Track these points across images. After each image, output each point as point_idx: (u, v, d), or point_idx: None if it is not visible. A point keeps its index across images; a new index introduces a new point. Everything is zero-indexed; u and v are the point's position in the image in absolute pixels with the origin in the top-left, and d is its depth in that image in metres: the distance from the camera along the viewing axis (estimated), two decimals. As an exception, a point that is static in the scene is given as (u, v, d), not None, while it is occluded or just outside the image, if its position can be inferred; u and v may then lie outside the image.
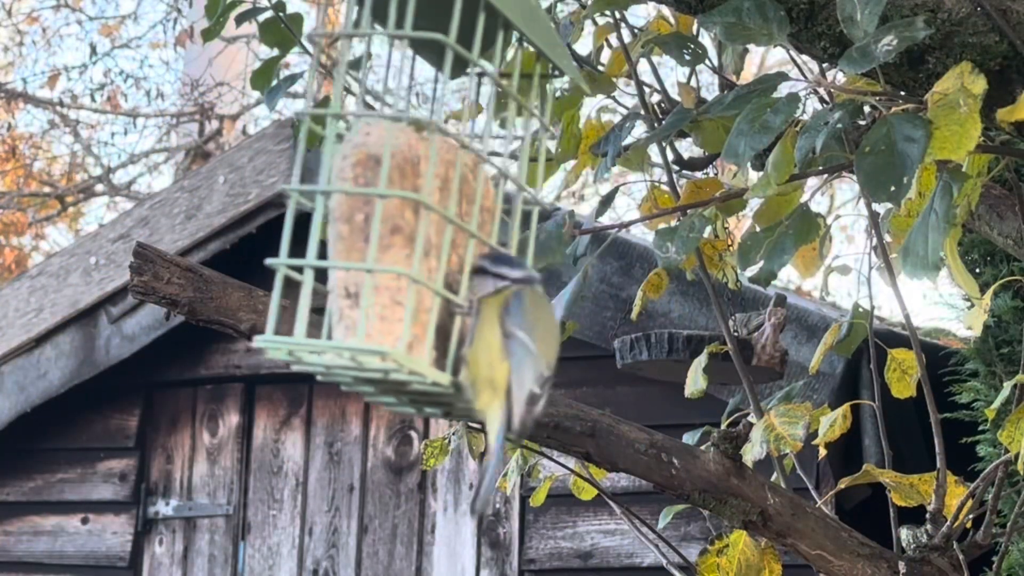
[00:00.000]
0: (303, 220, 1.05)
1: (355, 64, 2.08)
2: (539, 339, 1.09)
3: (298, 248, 1.03)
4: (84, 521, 5.04)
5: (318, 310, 1.04)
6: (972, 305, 1.93)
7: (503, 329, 1.07)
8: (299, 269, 1.02)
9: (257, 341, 1.01)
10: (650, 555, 4.06)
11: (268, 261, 1.02)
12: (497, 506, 4.42)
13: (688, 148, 2.32)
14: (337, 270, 1.02)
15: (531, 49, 1.09)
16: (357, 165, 1.03)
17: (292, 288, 1.04)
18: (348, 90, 2.24)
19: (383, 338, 0.99)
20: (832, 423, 2.05)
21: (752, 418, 2.01)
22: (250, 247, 4.70)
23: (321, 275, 1.03)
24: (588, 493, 2.26)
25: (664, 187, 2.13)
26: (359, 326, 0.99)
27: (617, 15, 2.02)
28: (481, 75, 1.07)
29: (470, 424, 2.16)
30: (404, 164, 1.03)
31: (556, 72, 1.12)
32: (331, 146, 1.04)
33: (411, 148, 1.03)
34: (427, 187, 1.01)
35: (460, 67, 1.07)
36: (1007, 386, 1.91)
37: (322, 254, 1.03)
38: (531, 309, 1.09)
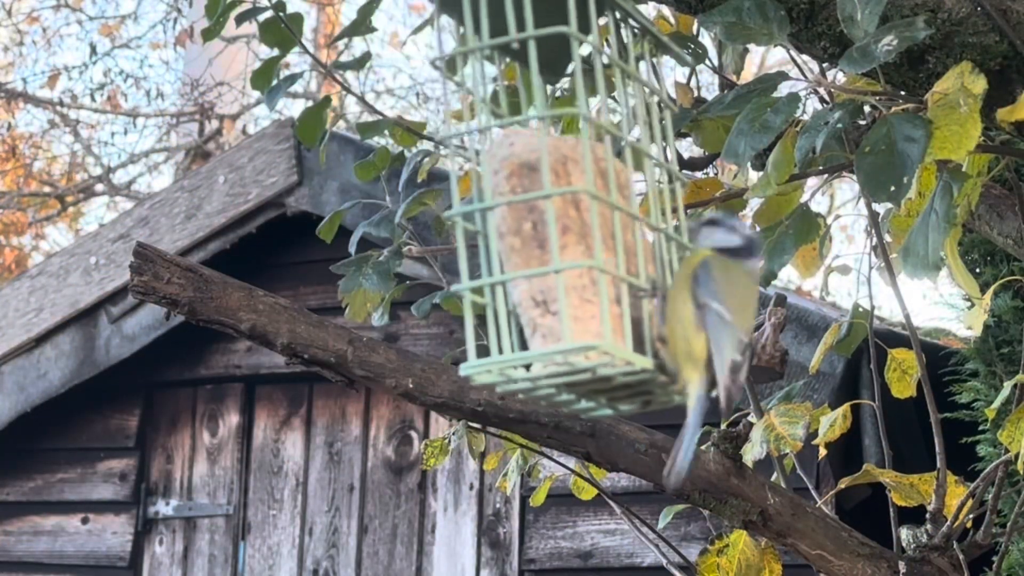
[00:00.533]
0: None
1: (356, 64, 2.08)
2: (733, 307, 1.09)
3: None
4: (84, 521, 5.04)
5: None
6: (972, 305, 1.93)
7: (695, 301, 1.07)
8: (478, 289, 1.01)
9: (464, 369, 1.00)
10: (650, 555, 4.06)
11: (454, 288, 1.01)
12: (497, 506, 4.42)
13: (688, 148, 2.32)
14: (519, 284, 1.02)
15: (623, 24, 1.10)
16: (512, 176, 1.03)
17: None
18: (348, 89, 2.24)
19: (582, 337, 0.99)
20: (832, 423, 2.05)
21: (752, 418, 2.01)
22: (250, 247, 4.70)
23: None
24: (588, 493, 2.26)
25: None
26: (563, 327, 0.98)
27: (617, 15, 2.02)
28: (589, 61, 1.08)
29: (471, 424, 2.16)
30: (556, 165, 1.03)
31: (662, 49, 1.12)
32: (484, 162, 1.03)
33: (557, 149, 1.04)
34: (588, 179, 1.01)
35: (552, 70, 1.07)
36: (1007, 386, 1.91)
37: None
38: (721, 277, 1.09)
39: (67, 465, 5.11)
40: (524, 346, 1.02)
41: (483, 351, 1.01)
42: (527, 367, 1.00)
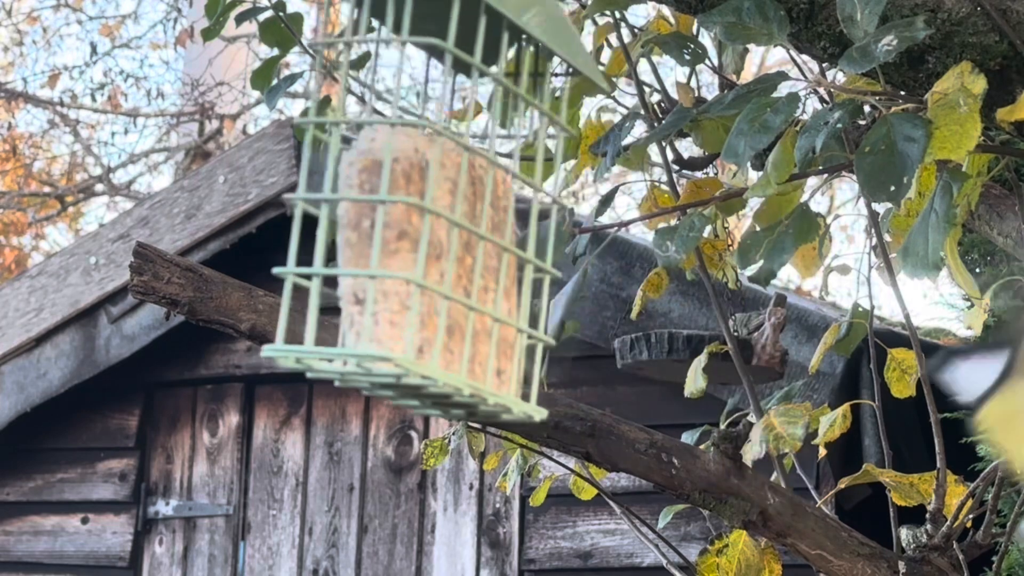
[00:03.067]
0: (308, 223, 1.05)
1: (357, 64, 2.08)
2: None
3: (303, 251, 1.03)
4: (84, 521, 5.04)
5: (319, 310, 1.04)
6: (972, 305, 1.93)
7: None
8: (307, 276, 1.03)
9: (266, 351, 1.02)
10: (650, 555, 4.06)
11: (276, 270, 1.02)
12: (497, 506, 4.42)
13: (688, 148, 2.32)
14: (346, 278, 1.03)
15: (525, 45, 1.10)
16: (363, 171, 1.04)
17: (302, 293, 1.05)
18: (350, 91, 2.24)
19: (394, 343, 0.99)
20: (832, 423, 2.05)
21: (752, 418, 2.01)
22: (250, 247, 4.70)
23: (332, 281, 1.04)
24: (588, 493, 2.26)
25: (664, 187, 2.13)
26: (365, 332, 0.99)
27: (617, 15, 2.02)
28: (483, 75, 1.07)
29: (470, 424, 2.16)
30: (411, 169, 1.03)
31: (571, 70, 1.12)
32: (335, 153, 1.04)
33: (418, 152, 1.04)
34: (429, 191, 1.01)
35: (464, 68, 1.07)
36: (1007, 386, 1.90)
37: (333, 260, 1.04)
38: None
39: (67, 465, 5.11)
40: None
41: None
42: (330, 360, 1.01)
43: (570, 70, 1.11)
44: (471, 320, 1.04)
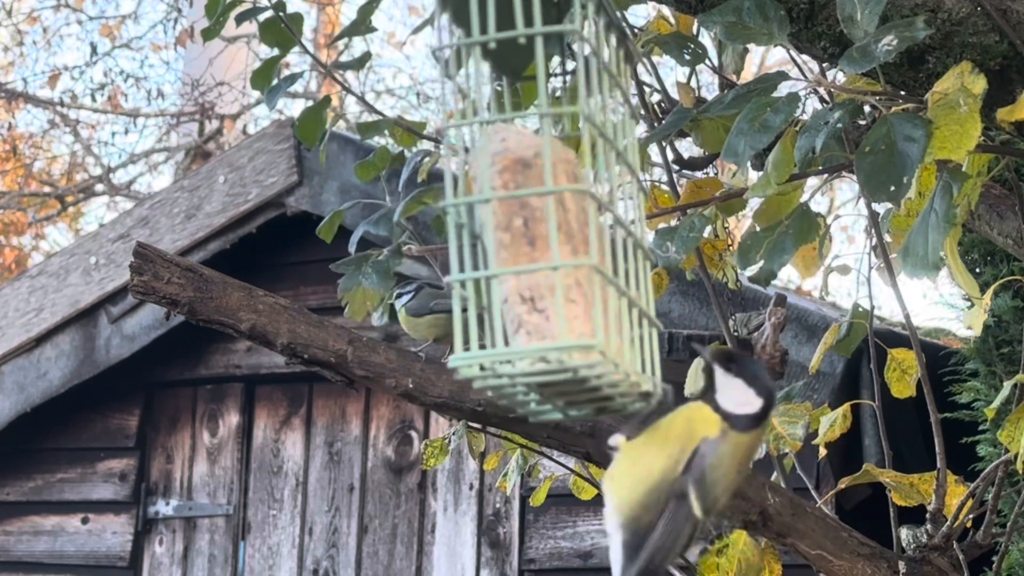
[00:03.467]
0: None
1: (357, 64, 2.08)
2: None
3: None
4: (84, 521, 5.04)
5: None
6: (972, 305, 1.93)
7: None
8: (472, 281, 1.01)
9: (452, 361, 0.99)
10: (650, 555, 4.05)
11: (447, 278, 1.01)
12: (497, 506, 4.42)
13: (688, 148, 2.32)
14: (507, 280, 1.02)
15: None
16: (504, 171, 1.03)
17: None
18: (348, 89, 2.24)
19: (567, 336, 0.99)
20: (832, 423, 2.05)
21: (752, 418, 2.01)
22: (250, 247, 4.70)
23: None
24: (588, 493, 2.26)
25: (664, 187, 2.13)
26: (558, 324, 0.98)
27: (617, 15, 2.02)
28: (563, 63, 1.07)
29: (471, 424, 2.16)
30: (552, 164, 1.03)
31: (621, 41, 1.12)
32: (477, 157, 1.03)
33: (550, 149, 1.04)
34: (589, 179, 1.01)
35: (529, 61, 1.06)
36: (1007, 386, 1.91)
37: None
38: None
39: (67, 465, 5.11)
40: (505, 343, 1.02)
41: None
42: (512, 363, 1.00)
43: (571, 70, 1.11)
44: (624, 308, 1.04)
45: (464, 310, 1.01)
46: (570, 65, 1.08)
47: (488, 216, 1.03)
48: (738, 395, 1.06)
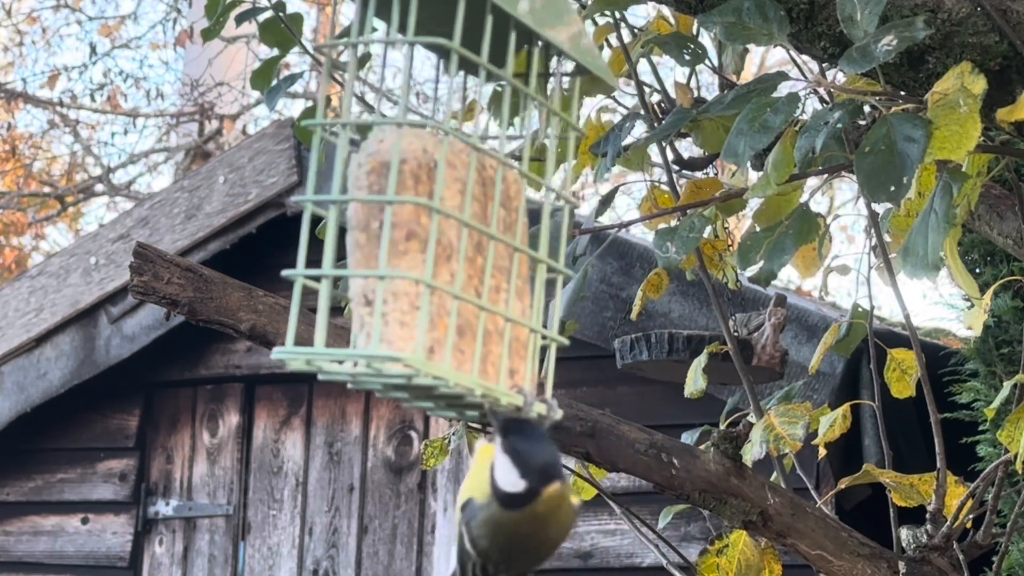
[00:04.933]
0: (313, 224, 1.06)
1: (359, 63, 2.08)
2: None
3: (308, 252, 1.04)
4: (84, 521, 5.04)
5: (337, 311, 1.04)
6: (972, 305, 1.93)
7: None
8: (315, 278, 1.03)
9: (276, 353, 1.01)
10: (650, 555, 4.06)
11: (285, 272, 1.02)
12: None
13: (688, 148, 2.32)
14: (356, 279, 1.02)
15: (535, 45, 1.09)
16: (371, 173, 1.04)
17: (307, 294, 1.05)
18: (354, 93, 2.24)
19: (404, 344, 0.99)
20: (832, 423, 2.05)
21: (752, 418, 2.01)
22: (250, 247, 4.70)
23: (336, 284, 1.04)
24: (588, 493, 2.26)
25: (664, 187, 2.13)
26: (374, 332, 0.99)
27: (617, 15, 2.02)
28: (491, 76, 1.07)
29: (471, 424, 2.16)
30: (419, 170, 1.03)
31: (579, 68, 1.12)
32: (343, 155, 1.04)
33: (427, 153, 1.04)
34: (438, 192, 1.01)
35: (472, 68, 1.07)
36: (1007, 386, 1.91)
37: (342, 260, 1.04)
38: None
39: (67, 465, 5.10)
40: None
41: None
42: (341, 362, 1.00)
43: (577, 67, 1.11)
44: (482, 320, 1.04)
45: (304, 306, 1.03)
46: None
47: (351, 215, 1.03)
48: (506, 473, 1.02)
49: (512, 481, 1.01)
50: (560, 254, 1.11)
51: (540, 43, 1.08)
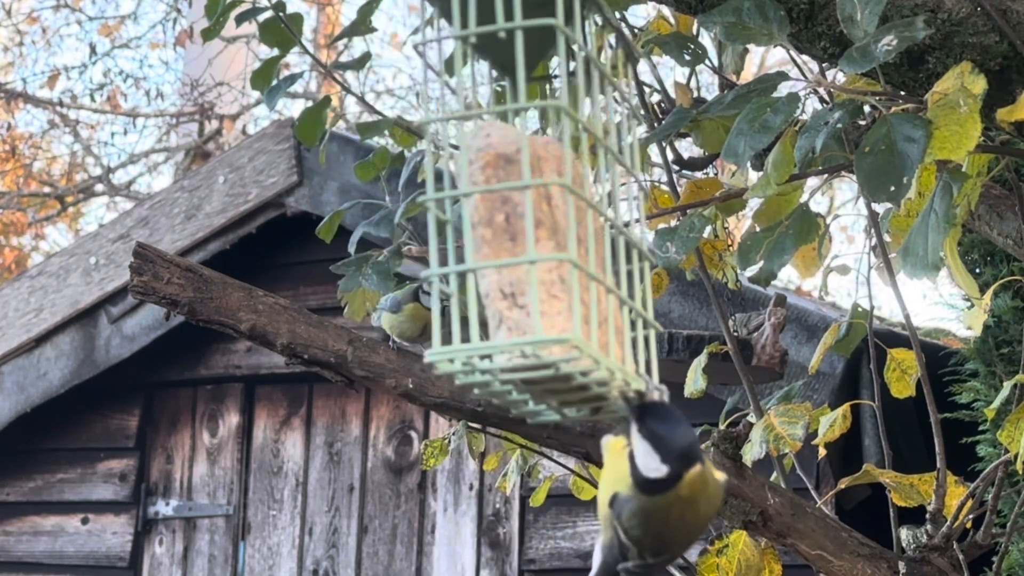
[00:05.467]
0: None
1: (357, 64, 2.08)
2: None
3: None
4: (84, 521, 5.04)
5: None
6: (972, 305, 1.93)
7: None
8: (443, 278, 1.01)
9: (429, 356, 0.98)
10: (650, 555, 4.05)
11: (424, 273, 1.01)
12: (497, 506, 4.42)
13: (688, 148, 2.32)
14: (489, 274, 1.01)
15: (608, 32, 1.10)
16: (487, 167, 1.03)
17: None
18: (348, 89, 2.24)
19: (549, 332, 0.98)
20: (832, 423, 2.05)
21: (752, 418, 2.01)
22: (250, 247, 4.70)
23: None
24: (588, 493, 2.26)
25: (664, 187, 2.13)
26: (533, 319, 0.98)
27: (617, 15, 2.02)
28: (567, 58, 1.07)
29: (470, 424, 2.16)
30: (532, 160, 1.03)
31: (635, 54, 1.12)
32: (461, 152, 1.03)
33: (531, 145, 1.04)
34: (568, 173, 1.01)
35: (536, 60, 1.06)
36: (1007, 386, 1.91)
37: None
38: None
39: (67, 465, 5.11)
40: (487, 339, 1.01)
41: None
42: (491, 358, 0.99)
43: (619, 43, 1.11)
44: (611, 306, 1.03)
45: (447, 307, 1.01)
46: (572, 65, 1.07)
47: (470, 212, 1.03)
48: (646, 458, 1.03)
49: (654, 467, 1.02)
50: (643, 241, 1.11)
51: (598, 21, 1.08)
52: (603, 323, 1.03)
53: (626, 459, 1.04)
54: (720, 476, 1.08)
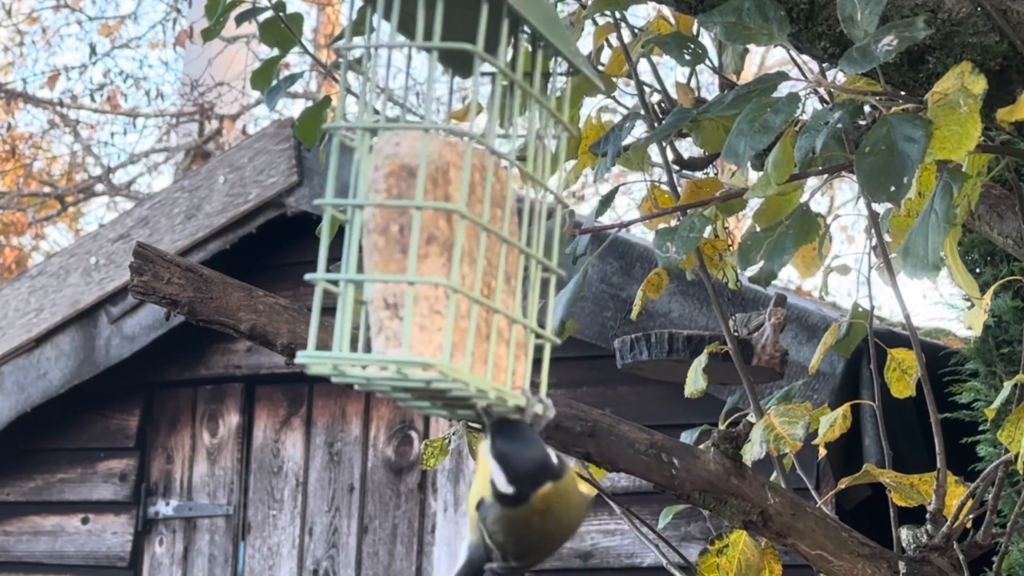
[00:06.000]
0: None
1: (356, 65, 2.08)
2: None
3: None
4: (84, 521, 5.04)
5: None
6: (972, 305, 1.93)
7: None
8: (335, 282, 1.02)
9: (300, 357, 1.00)
10: (650, 555, 4.06)
11: (308, 276, 1.02)
12: (497, 506, 4.42)
13: (688, 148, 2.32)
14: (375, 283, 1.02)
15: (539, 47, 1.09)
16: (390, 176, 1.03)
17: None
18: (347, 89, 2.24)
19: (423, 347, 0.99)
20: (832, 423, 2.05)
21: (752, 418, 2.01)
22: (250, 247, 4.70)
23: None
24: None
25: (664, 187, 2.13)
26: (403, 337, 0.99)
27: (617, 15, 2.02)
28: (494, 76, 1.07)
29: (471, 424, 2.16)
30: (435, 173, 1.03)
31: (571, 70, 1.12)
32: (364, 158, 1.03)
33: (440, 156, 1.04)
34: (462, 196, 1.01)
35: (468, 68, 1.07)
36: (1007, 386, 1.91)
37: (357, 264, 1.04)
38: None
39: (67, 465, 5.11)
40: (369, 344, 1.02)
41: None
42: (365, 367, 1.00)
43: (570, 69, 1.11)
44: (496, 323, 1.04)
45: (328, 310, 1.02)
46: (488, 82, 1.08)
47: (368, 218, 1.03)
48: (497, 475, 1.05)
49: (502, 483, 1.04)
50: (554, 254, 1.11)
51: (542, 43, 1.08)
52: (487, 337, 1.03)
53: (486, 470, 1.06)
54: (585, 488, 1.10)
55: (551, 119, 1.11)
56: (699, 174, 2.14)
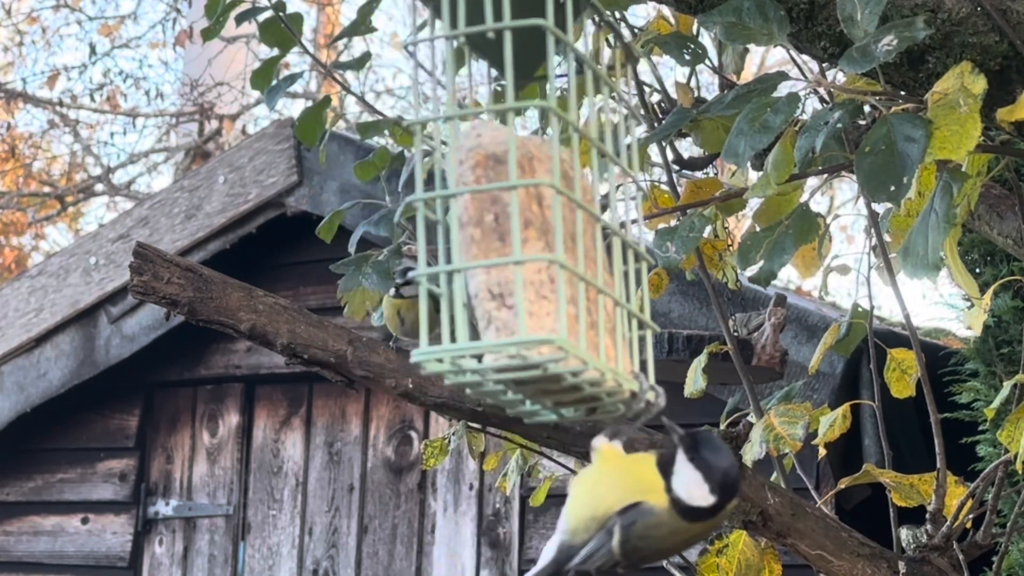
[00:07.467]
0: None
1: (357, 64, 2.08)
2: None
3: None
4: (84, 521, 5.04)
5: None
6: (972, 305, 1.93)
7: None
8: (434, 278, 1.00)
9: (415, 356, 0.98)
10: (650, 555, 4.05)
11: (411, 274, 1.01)
12: (497, 506, 4.42)
13: (688, 148, 2.32)
14: (478, 274, 1.01)
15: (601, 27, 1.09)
16: (477, 167, 1.03)
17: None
18: (347, 89, 2.24)
19: (537, 332, 0.98)
20: (832, 423, 2.05)
21: (752, 418, 2.01)
22: (250, 247, 4.70)
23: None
24: (588, 493, 2.25)
25: (664, 187, 2.13)
26: (518, 319, 0.98)
27: (617, 15, 2.02)
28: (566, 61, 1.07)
29: (470, 424, 2.16)
30: (522, 160, 1.03)
31: (633, 57, 1.11)
32: (451, 152, 1.03)
33: (523, 145, 1.04)
34: (556, 175, 1.00)
35: (537, 60, 1.06)
36: (1007, 386, 1.91)
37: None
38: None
39: (67, 465, 5.11)
40: (477, 339, 1.01)
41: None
42: (479, 358, 0.99)
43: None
44: (602, 306, 1.03)
45: (437, 306, 1.00)
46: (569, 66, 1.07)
47: (460, 211, 1.02)
48: (693, 486, 1.05)
49: (701, 495, 1.04)
50: (639, 243, 1.11)
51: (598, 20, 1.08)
52: (595, 324, 1.03)
53: (654, 473, 1.04)
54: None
55: (620, 101, 1.11)
56: (699, 174, 2.14)
